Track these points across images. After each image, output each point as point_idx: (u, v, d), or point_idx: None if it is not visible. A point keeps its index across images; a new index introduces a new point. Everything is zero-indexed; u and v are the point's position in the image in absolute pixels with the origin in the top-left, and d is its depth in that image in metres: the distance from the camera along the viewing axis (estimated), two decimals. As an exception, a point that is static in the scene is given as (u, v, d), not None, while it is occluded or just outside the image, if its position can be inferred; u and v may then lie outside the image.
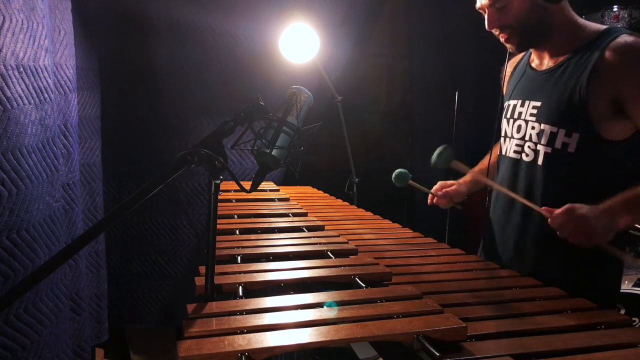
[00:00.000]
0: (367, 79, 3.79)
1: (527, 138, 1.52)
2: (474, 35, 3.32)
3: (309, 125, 1.28)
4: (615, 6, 3.15)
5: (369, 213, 2.23)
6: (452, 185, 1.85)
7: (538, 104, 1.49)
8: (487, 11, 1.48)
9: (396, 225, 2.03)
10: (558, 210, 1.33)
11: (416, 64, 3.66)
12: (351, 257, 1.53)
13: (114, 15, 2.75)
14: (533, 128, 1.49)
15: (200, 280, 1.18)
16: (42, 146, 1.62)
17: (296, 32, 2.64)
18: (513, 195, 1.52)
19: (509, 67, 1.71)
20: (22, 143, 1.49)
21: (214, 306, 1.07)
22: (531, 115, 1.50)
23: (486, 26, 1.50)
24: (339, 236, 1.71)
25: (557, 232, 1.33)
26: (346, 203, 2.47)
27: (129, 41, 2.81)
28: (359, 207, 2.37)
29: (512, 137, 1.58)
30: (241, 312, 1.05)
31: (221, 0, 2.79)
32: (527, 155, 1.52)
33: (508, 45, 1.52)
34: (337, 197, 2.59)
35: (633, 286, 2.36)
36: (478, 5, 1.51)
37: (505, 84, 1.70)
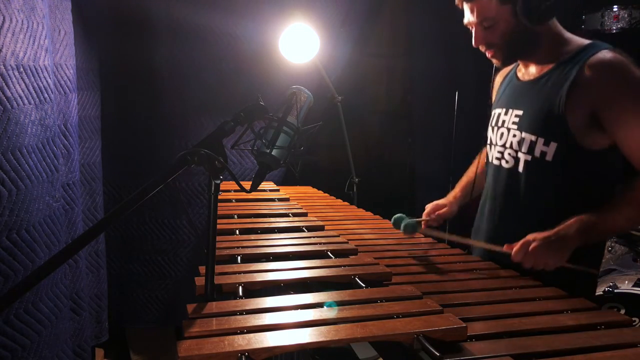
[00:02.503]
0: (367, 79, 3.78)
1: (507, 145, 1.55)
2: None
3: (309, 125, 1.28)
4: (615, 6, 3.15)
5: (369, 213, 2.23)
6: (443, 207, 1.84)
7: (520, 112, 1.52)
8: (474, 28, 1.50)
9: (396, 225, 2.03)
10: (516, 247, 1.39)
11: (416, 64, 3.66)
12: (351, 257, 1.53)
13: (114, 15, 2.74)
14: (514, 136, 1.52)
15: (200, 280, 1.18)
16: (42, 146, 1.62)
17: (296, 32, 2.64)
18: (479, 244, 1.61)
19: (499, 77, 1.73)
20: (22, 143, 1.48)
21: (214, 306, 1.07)
22: (513, 123, 1.53)
23: (473, 43, 1.52)
24: (339, 236, 1.71)
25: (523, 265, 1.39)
26: (346, 203, 2.46)
27: (129, 41, 2.81)
28: (359, 207, 2.37)
29: (495, 144, 1.61)
30: (241, 312, 1.05)
31: (221, 0, 2.78)
32: (506, 162, 1.56)
33: (494, 61, 1.55)
34: (337, 197, 2.59)
35: (633, 286, 2.35)
36: (465, 21, 1.52)
37: (494, 93, 1.73)
